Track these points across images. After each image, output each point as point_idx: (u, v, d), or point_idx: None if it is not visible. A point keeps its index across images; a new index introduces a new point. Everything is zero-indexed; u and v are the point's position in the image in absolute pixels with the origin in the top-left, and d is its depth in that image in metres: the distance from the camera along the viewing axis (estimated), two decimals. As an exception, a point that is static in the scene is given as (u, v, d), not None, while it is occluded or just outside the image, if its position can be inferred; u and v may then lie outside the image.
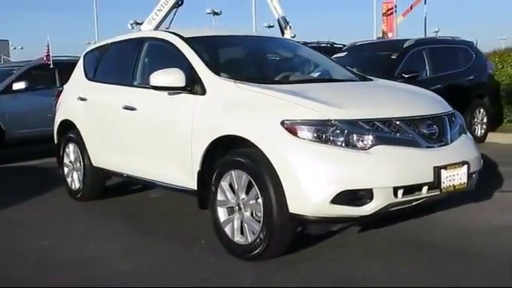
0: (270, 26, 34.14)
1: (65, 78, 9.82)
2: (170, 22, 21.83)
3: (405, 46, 9.15)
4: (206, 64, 4.75)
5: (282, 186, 3.86)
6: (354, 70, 5.83)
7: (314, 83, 4.88)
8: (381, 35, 30.39)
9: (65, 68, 10.04)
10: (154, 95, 4.98)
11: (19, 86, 9.44)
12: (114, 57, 6.19)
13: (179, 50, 5.02)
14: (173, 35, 5.24)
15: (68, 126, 6.45)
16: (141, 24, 38.30)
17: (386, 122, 3.98)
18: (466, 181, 4.15)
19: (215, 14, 38.50)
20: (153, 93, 4.94)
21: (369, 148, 3.84)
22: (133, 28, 36.68)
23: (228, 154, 4.32)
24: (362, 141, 3.85)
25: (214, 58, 5.03)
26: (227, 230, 4.33)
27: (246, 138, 4.08)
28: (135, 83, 5.50)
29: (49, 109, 9.49)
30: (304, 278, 3.84)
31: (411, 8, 31.80)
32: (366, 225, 4.75)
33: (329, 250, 4.37)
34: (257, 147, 4.01)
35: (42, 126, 9.52)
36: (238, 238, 4.26)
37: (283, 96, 4.12)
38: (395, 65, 8.59)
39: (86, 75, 6.44)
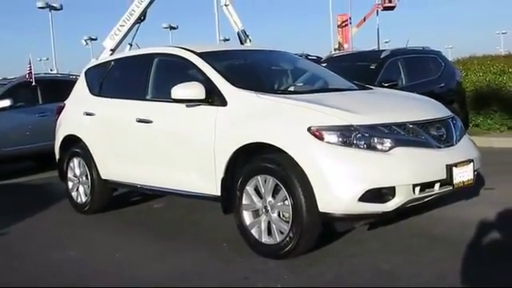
0: (225, 40, 34.65)
1: (46, 96, 10.15)
2: (133, 38, 21.98)
3: (382, 57, 9.73)
4: (224, 77, 5.12)
5: (311, 187, 4.28)
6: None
7: (327, 92, 5.31)
8: (337, 46, 31.17)
9: (47, 85, 10.34)
10: (171, 108, 5.32)
11: (3, 104, 9.53)
12: (122, 73, 6.50)
13: (194, 65, 5.38)
14: (185, 51, 5.59)
15: (72, 141, 6.69)
16: (95, 40, 38.31)
17: (401, 125, 4.46)
18: (472, 177, 4.69)
19: (172, 28, 38.85)
20: (170, 106, 5.29)
21: (388, 150, 4.30)
22: (87, 44, 36.57)
23: (253, 160, 4.70)
24: (382, 143, 4.31)
25: (230, 71, 5.38)
26: (254, 231, 4.70)
27: (275, 144, 4.47)
28: (148, 97, 5.80)
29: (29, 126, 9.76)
30: (336, 271, 4.26)
31: (364, 20, 32.78)
32: (374, 223, 5.18)
33: (348, 247, 4.79)
34: (285, 153, 4.40)
35: (24, 144, 9.72)
36: (265, 239, 4.63)
37: (306, 105, 4.54)
38: (374, 75, 9.11)
39: (91, 91, 6.70)
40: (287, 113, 4.57)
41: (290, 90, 5.32)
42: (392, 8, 30.91)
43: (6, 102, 9.52)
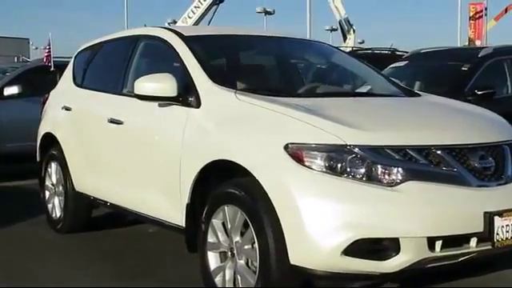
0: (332, 30, 34.01)
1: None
2: (209, 22, 22.16)
3: (480, 56, 8.63)
4: (205, 69, 4.49)
5: (281, 229, 3.53)
6: (403, 83, 5.49)
7: (339, 97, 4.55)
8: (467, 43, 29.66)
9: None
10: (141, 106, 4.74)
11: (10, 91, 9.34)
12: (105, 59, 6.07)
13: (176, 52, 4.79)
14: (170, 33, 5.02)
15: (51, 141, 6.29)
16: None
17: (423, 150, 3.60)
18: None
19: (267, 13, 38.77)
20: (141, 104, 4.70)
21: (396, 184, 3.47)
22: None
23: (221, 184, 4.02)
24: (389, 174, 3.49)
25: (216, 62, 4.78)
26: (217, 280, 4.01)
27: (241, 163, 3.78)
28: (125, 91, 5.28)
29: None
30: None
31: (506, 11, 31.01)
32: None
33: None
34: (253, 176, 3.70)
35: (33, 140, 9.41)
36: (229, 292, 3.93)
37: (292, 112, 3.78)
38: (466, 78, 7.96)
39: (75, 80, 6.30)
40: (264, 121, 3.85)
41: (289, 91, 4.55)
42: None
43: (14, 89, 9.27)
